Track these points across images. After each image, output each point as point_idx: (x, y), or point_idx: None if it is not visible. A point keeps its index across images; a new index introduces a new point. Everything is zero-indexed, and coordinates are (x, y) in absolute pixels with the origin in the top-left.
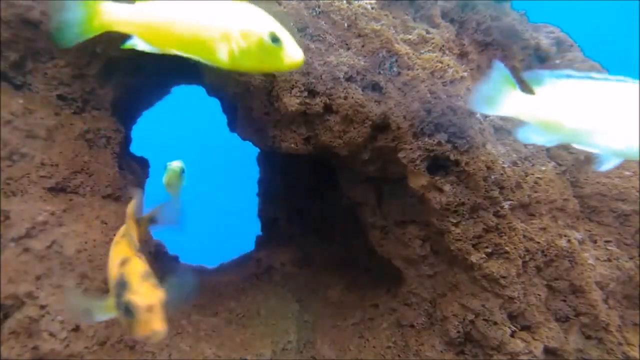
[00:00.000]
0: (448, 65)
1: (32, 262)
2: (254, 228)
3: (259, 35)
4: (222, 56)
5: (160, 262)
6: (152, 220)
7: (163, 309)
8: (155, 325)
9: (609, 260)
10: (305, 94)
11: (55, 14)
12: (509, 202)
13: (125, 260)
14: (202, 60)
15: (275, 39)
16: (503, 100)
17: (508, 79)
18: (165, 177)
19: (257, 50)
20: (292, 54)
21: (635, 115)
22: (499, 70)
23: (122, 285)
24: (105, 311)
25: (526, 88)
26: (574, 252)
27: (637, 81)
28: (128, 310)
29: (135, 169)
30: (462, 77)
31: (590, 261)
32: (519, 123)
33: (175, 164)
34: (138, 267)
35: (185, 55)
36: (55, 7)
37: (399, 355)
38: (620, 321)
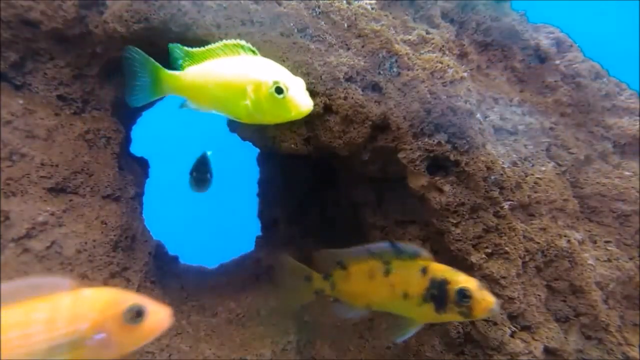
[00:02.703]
0: (448, 65)
1: (32, 263)
2: (254, 228)
3: (266, 86)
4: (243, 111)
5: (160, 262)
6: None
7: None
8: (491, 298)
9: (609, 260)
10: None
11: (129, 80)
12: (508, 203)
13: (424, 268)
14: (232, 117)
15: (279, 90)
16: None
17: None
18: (192, 186)
19: (266, 102)
20: (298, 104)
21: None
22: None
23: (441, 282)
24: (419, 321)
25: None
26: (574, 252)
27: None
28: (465, 296)
29: (135, 169)
30: (462, 78)
31: (590, 261)
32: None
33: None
34: (439, 265)
35: (222, 114)
36: (129, 75)
37: (398, 356)
38: (620, 321)
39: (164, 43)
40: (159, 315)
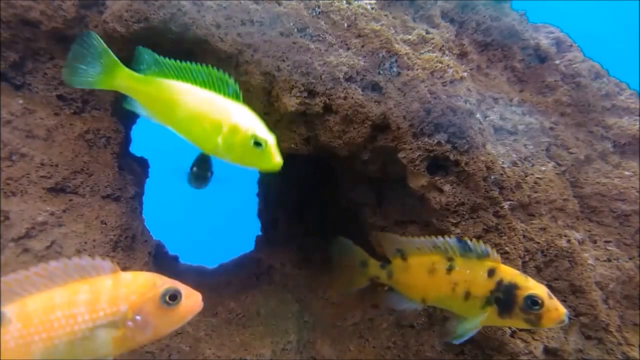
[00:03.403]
0: (448, 65)
1: (32, 263)
2: (254, 228)
3: (245, 133)
4: (209, 143)
5: (160, 262)
6: None
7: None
8: (563, 308)
9: (609, 260)
10: (305, 94)
11: (76, 59)
12: (508, 202)
13: (492, 269)
14: (191, 142)
15: (257, 143)
16: None
17: None
18: (192, 182)
19: (240, 147)
20: (271, 159)
21: None
22: None
23: (510, 286)
24: (480, 322)
25: None
26: (574, 252)
27: None
28: (535, 303)
29: (135, 169)
30: (462, 78)
31: (590, 261)
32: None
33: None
34: (508, 268)
35: (178, 134)
36: (77, 55)
37: (399, 356)
38: (620, 321)
39: (164, 43)
40: (192, 299)
